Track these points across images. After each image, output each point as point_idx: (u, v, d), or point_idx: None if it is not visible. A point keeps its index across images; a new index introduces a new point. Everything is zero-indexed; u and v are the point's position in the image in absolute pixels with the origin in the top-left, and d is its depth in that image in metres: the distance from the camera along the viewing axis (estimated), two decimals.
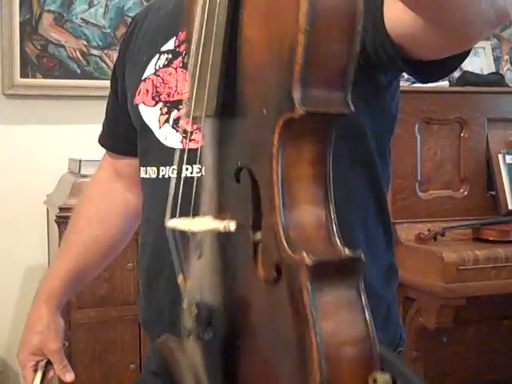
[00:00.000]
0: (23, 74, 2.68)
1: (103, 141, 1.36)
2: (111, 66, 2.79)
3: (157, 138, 1.09)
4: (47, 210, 2.63)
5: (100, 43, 2.78)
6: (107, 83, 3.10)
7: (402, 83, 2.89)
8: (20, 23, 2.66)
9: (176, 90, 1.07)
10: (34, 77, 2.70)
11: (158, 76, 1.10)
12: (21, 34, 2.66)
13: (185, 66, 1.05)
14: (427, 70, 0.94)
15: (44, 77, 2.72)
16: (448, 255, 2.21)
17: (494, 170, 2.57)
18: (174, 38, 1.10)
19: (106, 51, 2.79)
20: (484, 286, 2.25)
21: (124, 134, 1.26)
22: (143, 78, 1.13)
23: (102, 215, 1.31)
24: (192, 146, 1.00)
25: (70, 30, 2.74)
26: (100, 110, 2.91)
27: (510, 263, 2.28)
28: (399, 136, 2.48)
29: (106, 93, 3.00)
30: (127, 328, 2.42)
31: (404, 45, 0.90)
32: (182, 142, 1.04)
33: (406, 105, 2.48)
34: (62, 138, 2.75)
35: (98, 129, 1.42)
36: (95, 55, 2.78)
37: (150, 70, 1.12)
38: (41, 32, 2.70)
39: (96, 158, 2.49)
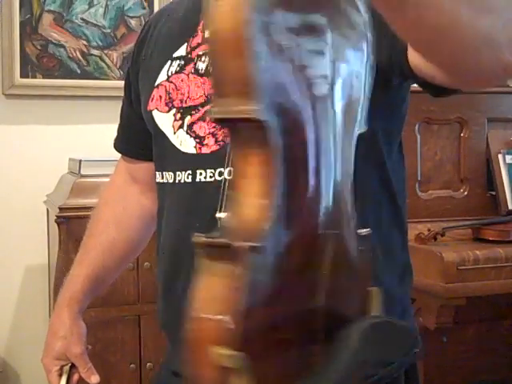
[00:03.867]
0: (23, 74, 2.68)
1: (118, 145, 1.36)
2: (111, 65, 2.79)
3: (172, 144, 1.09)
4: (47, 210, 2.63)
5: (100, 43, 2.78)
6: (107, 83, 3.11)
7: None
8: (20, 23, 2.66)
9: (189, 96, 1.07)
10: (34, 77, 2.70)
11: (171, 82, 1.10)
12: (21, 34, 2.66)
13: (197, 72, 1.07)
14: (440, 87, 0.91)
15: (44, 77, 2.72)
16: (448, 255, 2.21)
17: (494, 170, 2.57)
18: (186, 44, 1.10)
19: (105, 51, 2.79)
20: (484, 286, 2.25)
21: (139, 139, 1.26)
22: (156, 84, 1.13)
23: (118, 219, 1.32)
24: (205, 150, 1.03)
25: (70, 30, 2.74)
26: (100, 110, 2.93)
27: (510, 263, 2.28)
28: None
29: (106, 93, 3.00)
30: (127, 328, 2.42)
31: (423, 76, 0.88)
32: (195, 147, 1.05)
33: None
34: (62, 138, 2.75)
35: (97, 129, 1.43)
36: (95, 55, 2.78)
37: (162, 77, 1.12)
38: (41, 32, 2.70)
39: (96, 158, 2.51)
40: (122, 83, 1.33)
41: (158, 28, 1.20)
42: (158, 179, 1.14)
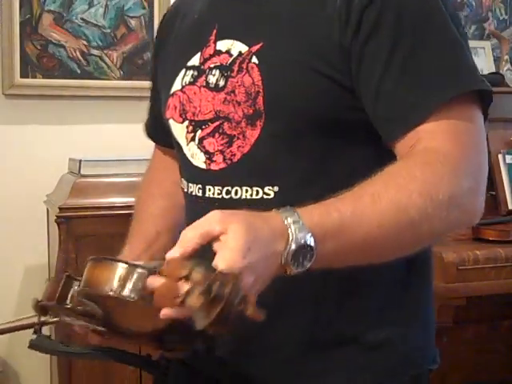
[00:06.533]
0: (23, 74, 2.68)
1: (151, 133, 1.34)
2: (111, 65, 2.79)
3: (185, 155, 1.09)
4: (47, 210, 2.63)
5: (100, 43, 2.78)
6: (107, 83, 3.11)
7: None
8: (20, 23, 2.66)
9: (200, 110, 1.06)
10: (33, 77, 2.70)
11: (184, 93, 1.09)
12: (21, 34, 2.66)
13: (207, 86, 1.05)
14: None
15: (44, 77, 2.71)
16: (448, 255, 2.21)
17: (494, 170, 2.56)
18: (199, 53, 1.09)
19: (105, 51, 2.79)
20: (484, 285, 2.25)
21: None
22: (171, 92, 1.12)
23: (166, 190, 1.30)
24: (214, 167, 1.03)
25: (70, 30, 2.74)
26: (100, 110, 2.93)
27: (510, 263, 2.28)
28: None
29: (106, 93, 3.00)
30: None
31: None
32: (205, 162, 1.05)
33: None
34: (62, 138, 2.75)
35: (97, 129, 1.43)
36: (95, 55, 2.78)
37: (177, 86, 1.11)
38: (41, 32, 2.70)
39: (96, 158, 2.51)
40: (122, 83, 1.34)
41: (176, 30, 1.19)
42: (180, 184, 1.15)
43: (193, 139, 1.07)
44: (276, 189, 0.99)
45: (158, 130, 1.28)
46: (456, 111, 0.90)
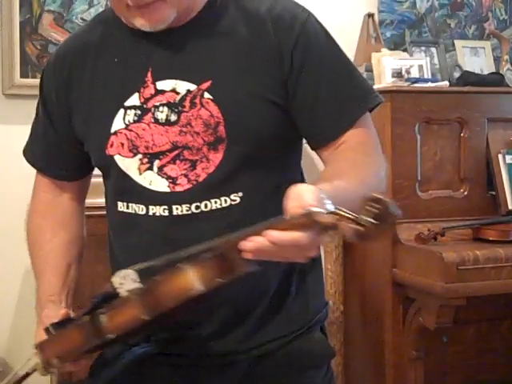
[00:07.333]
0: (23, 74, 2.68)
1: (45, 168, 1.39)
2: None
3: (139, 184, 1.21)
4: None
5: None
6: None
7: (401, 83, 2.86)
8: (20, 23, 2.66)
9: (154, 144, 1.19)
10: (34, 77, 2.70)
11: (131, 131, 1.20)
12: (21, 34, 2.66)
13: (157, 122, 1.18)
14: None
15: None
16: (448, 255, 2.21)
17: (494, 170, 2.57)
18: (137, 94, 1.20)
19: None
20: (484, 285, 2.25)
21: (67, 164, 1.35)
22: (112, 131, 1.21)
23: (61, 224, 1.39)
24: (179, 189, 1.18)
25: (69, 30, 2.74)
26: None
27: (510, 263, 2.29)
28: (399, 136, 2.48)
29: None
30: None
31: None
32: (168, 186, 1.19)
33: (406, 105, 2.48)
34: None
35: None
36: None
37: (118, 125, 1.21)
38: (41, 32, 2.70)
39: None
40: None
41: (89, 71, 1.25)
42: (122, 208, 1.25)
43: (150, 168, 1.20)
44: (240, 194, 1.18)
45: (54, 163, 1.36)
46: (363, 119, 1.23)
